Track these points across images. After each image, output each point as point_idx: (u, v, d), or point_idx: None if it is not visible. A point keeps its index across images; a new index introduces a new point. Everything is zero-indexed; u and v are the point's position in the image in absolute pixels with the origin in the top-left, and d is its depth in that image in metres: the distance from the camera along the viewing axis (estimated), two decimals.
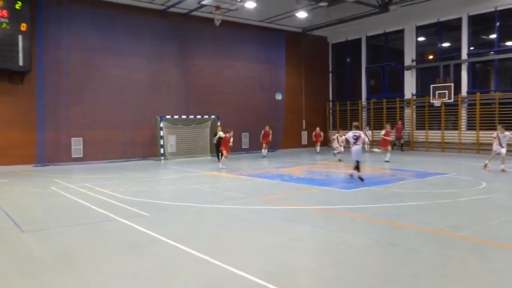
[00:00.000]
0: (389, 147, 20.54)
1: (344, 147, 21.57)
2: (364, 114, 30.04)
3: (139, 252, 6.77)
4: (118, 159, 22.26)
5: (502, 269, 5.80)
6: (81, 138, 21.41)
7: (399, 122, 26.53)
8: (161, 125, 22.96)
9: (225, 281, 5.49)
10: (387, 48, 29.26)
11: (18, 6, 18.61)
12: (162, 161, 22.52)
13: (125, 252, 6.77)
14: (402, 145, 26.53)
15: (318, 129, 26.83)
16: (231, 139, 18.93)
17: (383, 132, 20.51)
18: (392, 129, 24.01)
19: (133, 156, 22.85)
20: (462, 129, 24.64)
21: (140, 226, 8.26)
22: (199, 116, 24.51)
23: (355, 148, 13.91)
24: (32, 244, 7.40)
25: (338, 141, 21.83)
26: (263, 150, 24.19)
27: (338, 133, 22.62)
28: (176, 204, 10.68)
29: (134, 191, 12.83)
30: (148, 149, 23.39)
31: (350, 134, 14.15)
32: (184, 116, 24.04)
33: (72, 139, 21.20)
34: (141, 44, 23.28)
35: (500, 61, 23.64)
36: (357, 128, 14.51)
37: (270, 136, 24.42)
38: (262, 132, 24.36)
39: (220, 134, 18.65)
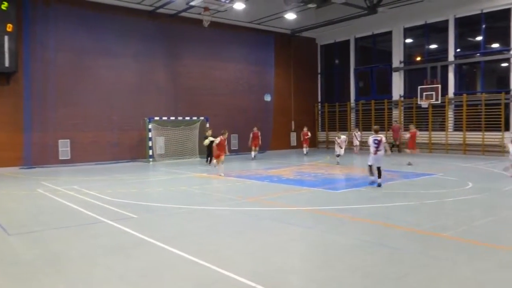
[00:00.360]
0: (415, 150, 19.86)
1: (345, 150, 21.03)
2: (353, 116, 30.21)
3: (127, 254, 6.73)
4: (106, 161, 22.09)
5: (489, 269, 5.87)
6: (68, 140, 21.22)
7: (395, 123, 26.24)
8: (150, 126, 22.85)
9: (214, 283, 5.49)
10: (375, 50, 29.45)
11: (4, 6, 18.37)
12: (151, 162, 22.41)
13: (113, 254, 6.73)
14: (398, 146, 25.94)
15: (305, 128, 26.02)
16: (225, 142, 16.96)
17: (407, 134, 19.90)
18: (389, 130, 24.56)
19: (122, 158, 22.70)
20: (449, 130, 24.89)
21: (128, 228, 8.21)
22: (188, 118, 24.44)
23: (379, 154, 12.79)
24: (18, 247, 7.32)
25: (338, 143, 20.63)
26: (252, 153, 23.69)
27: (337, 135, 21.53)
28: (164, 205, 10.64)
29: (122, 193, 12.75)
30: (137, 151, 23.24)
31: (370, 139, 13.01)
32: (172, 118, 23.95)
33: (60, 141, 21.00)
34: (130, 45, 23.16)
35: (486, 63, 23.95)
36: (377, 131, 13.29)
37: (260, 138, 24.07)
38: (251, 135, 23.98)
39: (210, 139, 17.04)
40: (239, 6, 22.61)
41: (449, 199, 10.84)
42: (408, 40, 27.60)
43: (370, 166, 13.08)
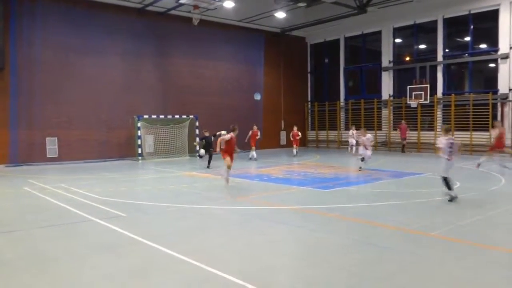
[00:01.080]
0: (507, 149, 16.51)
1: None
2: (343, 115, 30.30)
3: (116, 253, 6.67)
4: (94, 159, 21.92)
5: (476, 268, 5.92)
6: (56, 138, 21.01)
7: (403, 122, 25.80)
8: (139, 124, 22.70)
9: (203, 281, 5.46)
10: (364, 49, 29.57)
11: None
12: (140, 161, 22.27)
13: (101, 253, 6.66)
14: (404, 146, 25.53)
15: (295, 128, 24.16)
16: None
17: (495, 132, 16.57)
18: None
19: (110, 156, 22.53)
20: (438, 129, 25.08)
21: (116, 227, 8.14)
22: (177, 116, 24.33)
23: (454, 159, 10.61)
24: (3, 246, 7.21)
25: (363, 143, 17.05)
26: (251, 153, 22.16)
27: (360, 131, 18.67)
28: (153, 204, 10.57)
29: (110, 191, 12.64)
30: (126, 149, 23.08)
31: (444, 141, 10.49)
32: (162, 116, 23.82)
33: (47, 138, 20.79)
34: (118, 43, 22.98)
35: (474, 63, 24.18)
36: (448, 131, 10.88)
37: (258, 137, 22.83)
38: (250, 133, 22.58)
39: (225, 136, 13.43)
40: (228, 4, 22.56)
41: (437, 199, 10.90)
42: (397, 40, 27.76)
43: (446, 178, 10.51)
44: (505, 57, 22.23)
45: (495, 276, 5.62)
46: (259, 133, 23.13)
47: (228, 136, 13.31)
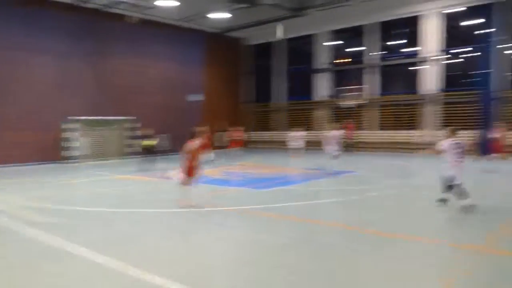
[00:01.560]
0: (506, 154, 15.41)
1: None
2: (283, 116, 30.68)
3: (47, 264, 6.23)
4: (23, 163, 20.61)
5: (413, 260, 6.12)
6: None
7: (350, 121, 25.91)
8: (73, 126, 21.69)
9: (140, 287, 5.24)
10: (303, 51, 30.15)
11: None
12: (73, 164, 21.26)
13: (30, 266, 6.18)
14: (352, 146, 25.43)
15: (235, 128, 23.62)
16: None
17: (498, 133, 15.54)
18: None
19: (41, 159, 21.29)
20: (374, 129, 26.04)
21: (47, 235, 7.61)
22: (115, 117, 23.49)
23: (462, 164, 9.08)
24: None
25: (334, 138, 16.30)
26: (210, 154, 19.48)
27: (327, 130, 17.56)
28: (86, 209, 10.05)
29: (40, 197, 11.90)
30: (58, 152, 21.92)
31: (447, 144, 9.05)
32: (98, 117, 22.88)
33: None
34: (51, 41, 21.80)
35: (404, 66, 25.62)
36: (455, 132, 9.31)
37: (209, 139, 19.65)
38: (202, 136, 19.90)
39: (193, 144, 9.93)
40: (167, 3, 22.12)
41: (371, 194, 11.24)
42: (334, 42, 28.53)
43: (456, 187, 8.99)
44: (425, 60, 23.81)
45: (430, 266, 5.83)
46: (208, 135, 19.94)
47: (196, 144, 10.01)
